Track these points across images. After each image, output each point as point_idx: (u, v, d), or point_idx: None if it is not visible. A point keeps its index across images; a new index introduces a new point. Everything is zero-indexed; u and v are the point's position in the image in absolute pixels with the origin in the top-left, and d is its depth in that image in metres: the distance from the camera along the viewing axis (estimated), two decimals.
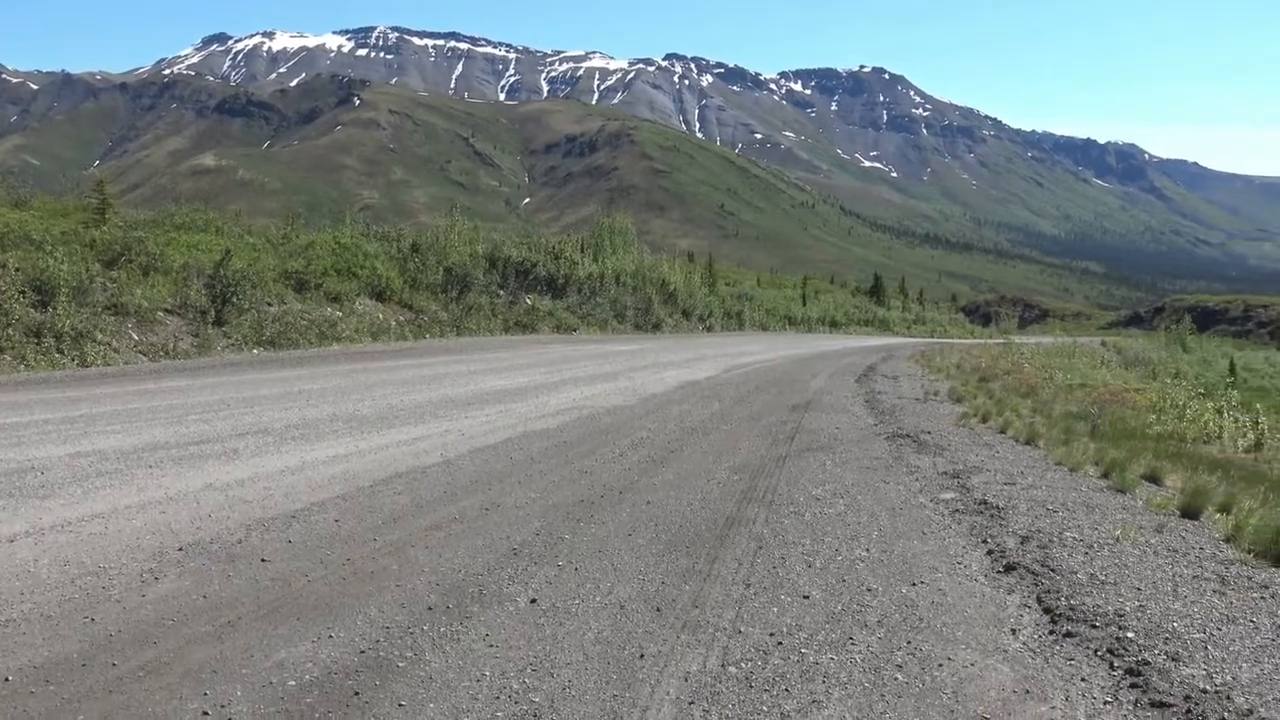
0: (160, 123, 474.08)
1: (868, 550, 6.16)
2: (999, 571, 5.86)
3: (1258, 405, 18.47)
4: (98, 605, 4.64)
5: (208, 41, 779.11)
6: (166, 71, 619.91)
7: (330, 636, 4.40)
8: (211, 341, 16.57)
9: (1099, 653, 4.61)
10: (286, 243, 23.30)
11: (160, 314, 16.36)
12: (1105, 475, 9.18)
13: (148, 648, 4.21)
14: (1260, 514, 7.28)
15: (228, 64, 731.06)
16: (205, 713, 3.65)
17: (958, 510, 7.41)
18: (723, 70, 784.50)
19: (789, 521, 6.81)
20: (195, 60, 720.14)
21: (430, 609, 4.78)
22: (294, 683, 3.92)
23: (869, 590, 5.36)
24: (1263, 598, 5.54)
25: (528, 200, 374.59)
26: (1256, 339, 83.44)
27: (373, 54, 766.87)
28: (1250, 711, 4.02)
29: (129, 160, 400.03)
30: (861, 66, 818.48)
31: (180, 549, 5.51)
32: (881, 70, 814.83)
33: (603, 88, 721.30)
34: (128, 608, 4.63)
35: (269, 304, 19.03)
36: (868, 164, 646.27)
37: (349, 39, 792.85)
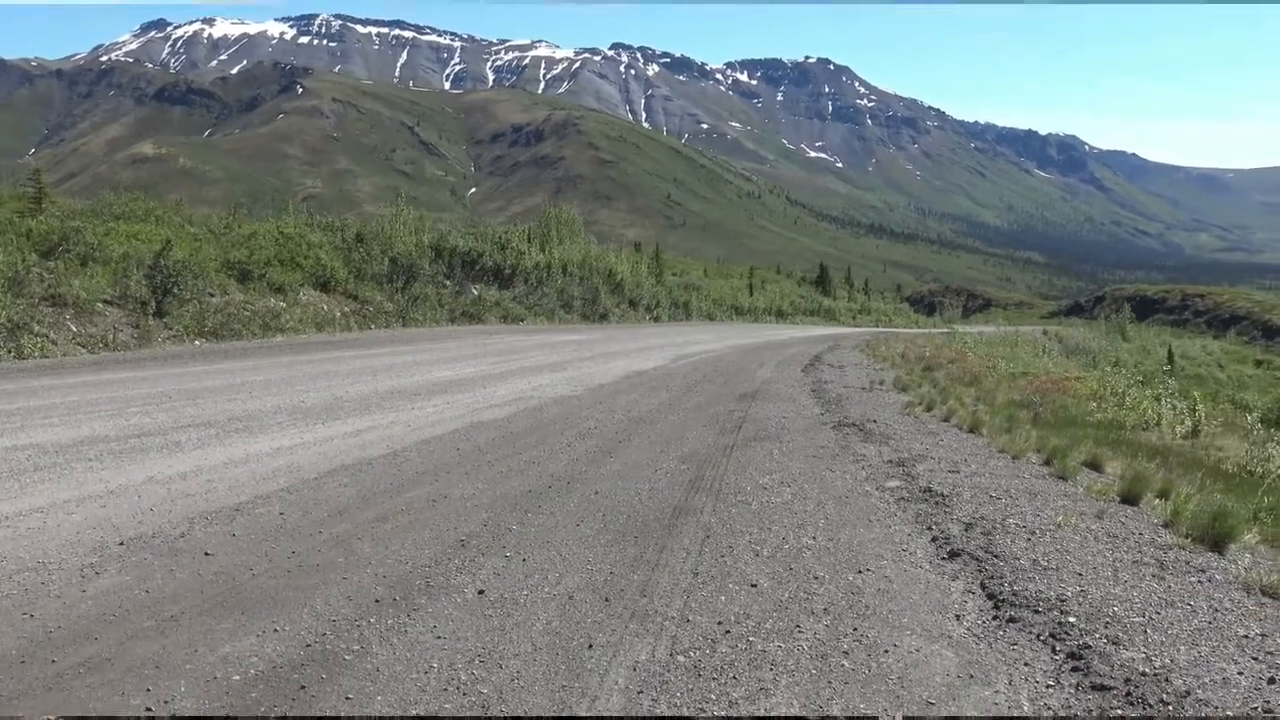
0: (98, 110, 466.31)
1: (814, 538, 6.20)
2: (943, 558, 5.92)
3: (1194, 393, 18.81)
4: (36, 601, 4.57)
5: (146, 28, 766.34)
6: (104, 58, 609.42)
7: (275, 630, 4.36)
8: (152, 333, 16.33)
9: (1041, 637, 4.68)
10: (229, 232, 22.97)
11: (99, 305, 16.09)
12: (1047, 462, 9.31)
13: (89, 644, 4.15)
14: (1197, 499, 7.42)
15: (167, 51, 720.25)
16: (148, 709, 3.60)
17: (903, 498, 7.48)
18: (669, 60, 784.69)
19: (736, 510, 6.84)
20: (134, 47, 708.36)
21: (377, 602, 4.75)
22: (239, 677, 3.89)
23: (816, 578, 5.40)
24: (1200, 581, 5.65)
25: (474, 190, 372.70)
26: (1194, 327, 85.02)
27: (315, 42, 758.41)
28: (1188, 693, 4.10)
29: (66, 149, 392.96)
30: (807, 57, 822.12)
31: (121, 543, 5.43)
32: (827, 61, 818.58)
33: (549, 77, 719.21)
34: (68, 603, 4.56)
35: (211, 295, 18.77)
36: (813, 154, 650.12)
37: (291, 26, 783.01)
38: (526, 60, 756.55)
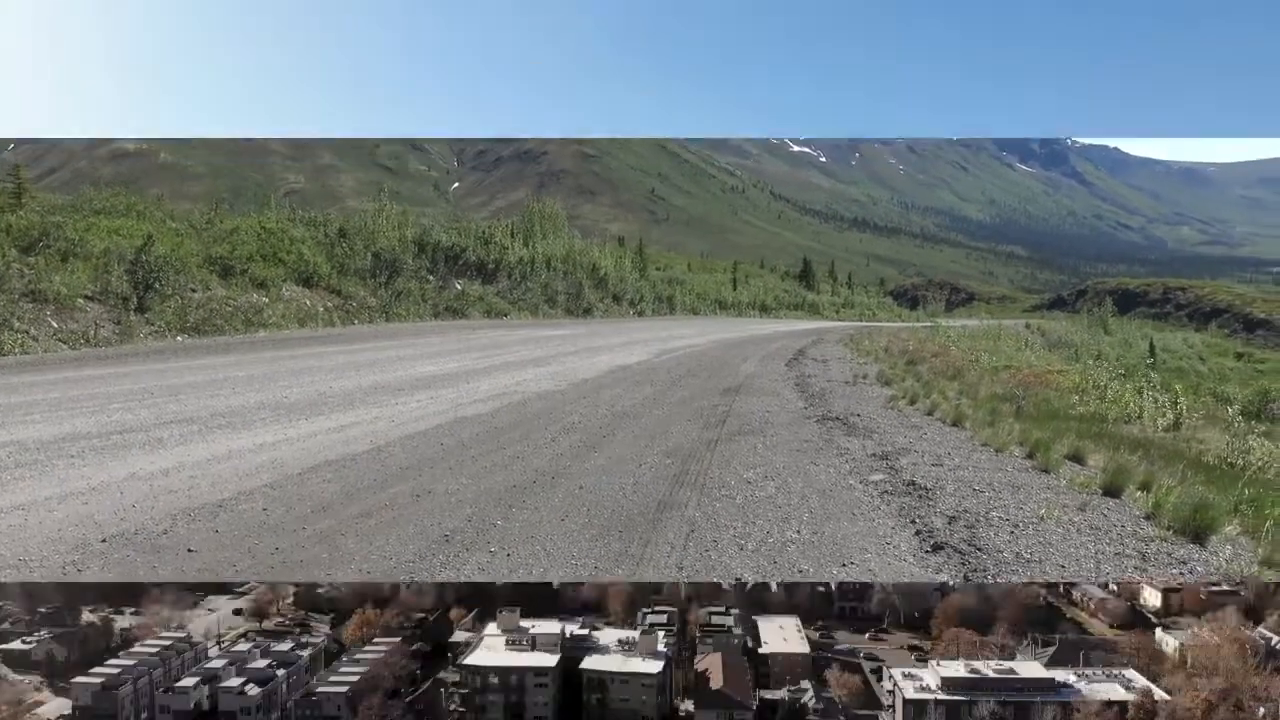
0: None
1: (798, 532, 6.21)
2: (927, 551, 5.94)
3: (1176, 386, 18.91)
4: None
5: None
6: None
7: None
8: (134, 329, 16.27)
9: None
10: (210, 228, 22.93)
11: (80, 301, 16.02)
12: (1030, 455, 9.35)
13: None
14: (1179, 492, 7.45)
15: None
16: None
17: (887, 491, 7.50)
18: None
19: (720, 505, 6.84)
20: None
21: None
22: None
23: (800, 572, 5.41)
24: (1182, 573, 5.68)
25: (457, 185, 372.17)
26: (1175, 321, 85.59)
27: None
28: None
29: (46, 144, 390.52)
30: None
31: (104, 540, 5.40)
32: None
33: None
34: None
35: (193, 290, 18.72)
36: (797, 149, 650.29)
37: None
38: None
